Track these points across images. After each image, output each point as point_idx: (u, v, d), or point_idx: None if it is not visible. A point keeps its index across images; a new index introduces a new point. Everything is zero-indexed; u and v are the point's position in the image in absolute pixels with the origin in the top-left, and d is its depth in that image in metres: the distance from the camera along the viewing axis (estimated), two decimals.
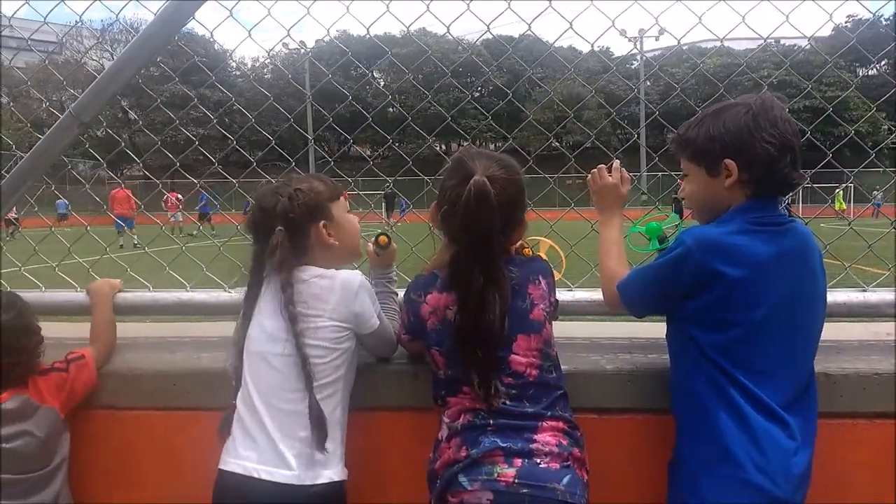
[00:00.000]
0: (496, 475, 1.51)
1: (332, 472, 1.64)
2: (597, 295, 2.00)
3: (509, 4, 2.29)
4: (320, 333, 1.67)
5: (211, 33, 2.50)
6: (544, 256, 1.85)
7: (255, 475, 1.59)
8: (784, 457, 1.49)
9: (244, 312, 1.79)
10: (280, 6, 2.47)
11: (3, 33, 2.80)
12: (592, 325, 2.20)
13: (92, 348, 2.03)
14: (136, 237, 18.07)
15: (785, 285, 1.53)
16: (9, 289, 2.06)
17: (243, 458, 1.63)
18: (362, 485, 1.75)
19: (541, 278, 1.68)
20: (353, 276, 1.73)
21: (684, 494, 1.58)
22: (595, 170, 1.93)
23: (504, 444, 1.54)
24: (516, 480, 1.50)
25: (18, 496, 1.77)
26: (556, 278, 1.80)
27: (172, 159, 2.64)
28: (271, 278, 1.75)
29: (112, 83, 2.09)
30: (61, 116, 2.11)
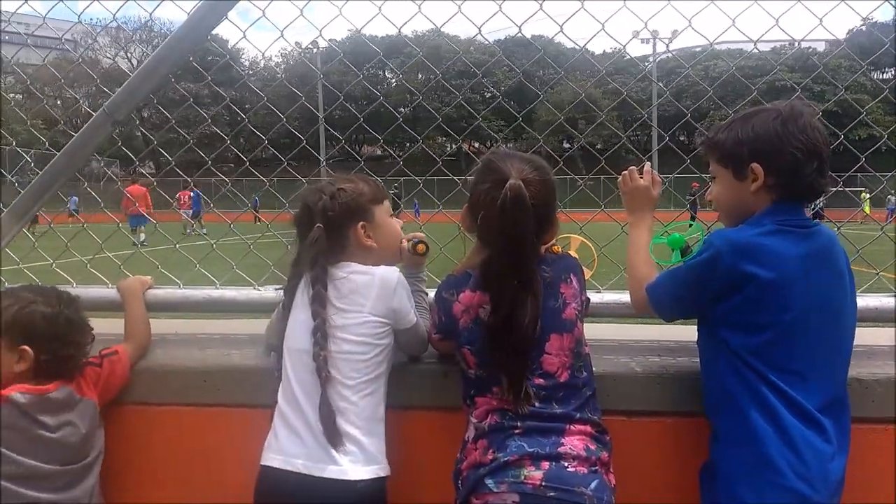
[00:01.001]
0: (523, 478, 1.51)
1: (377, 467, 1.65)
2: (625, 297, 1.99)
3: (541, 5, 2.28)
4: (362, 329, 1.69)
5: (244, 34, 2.49)
6: (575, 254, 1.84)
7: (304, 471, 1.60)
8: (822, 462, 1.48)
9: (283, 305, 1.81)
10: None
11: (23, 31, 2.80)
12: (620, 327, 2.19)
13: (127, 344, 2.04)
14: (143, 235, 18.15)
15: (815, 286, 1.53)
16: (39, 283, 2.06)
17: (288, 454, 1.64)
18: (391, 483, 1.74)
19: (572, 276, 1.68)
20: (391, 273, 1.75)
21: (721, 498, 1.57)
22: (626, 171, 1.92)
23: (531, 450, 1.54)
24: (543, 483, 1.49)
25: (59, 490, 1.76)
26: (587, 275, 1.79)
27: (204, 157, 2.65)
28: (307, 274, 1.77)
29: (145, 82, 2.11)
30: (90, 113, 2.12)
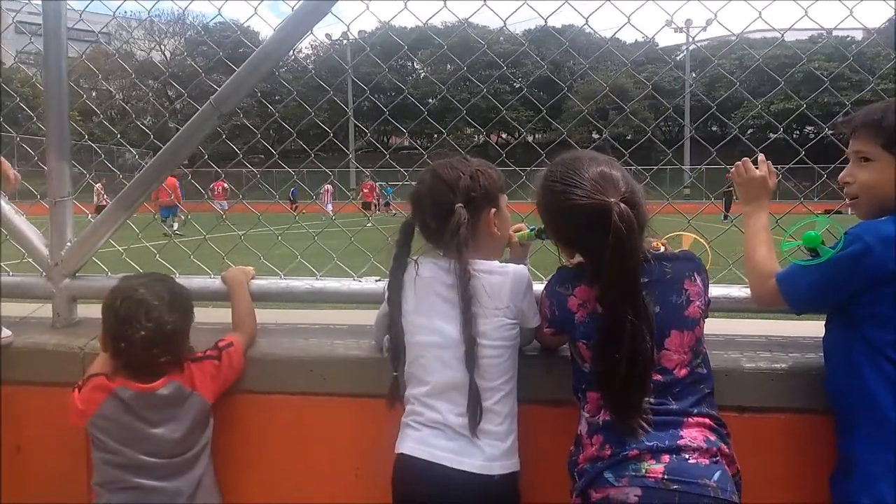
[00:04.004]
0: (644, 471, 1.45)
1: (510, 462, 1.63)
2: (733, 291, 1.97)
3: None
4: (498, 333, 1.64)
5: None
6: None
7: (446, 463, 1.58)
8: None
9: (391, 292, 1.75)
10: None
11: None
12: (726, 322, 2.14)
13: (237, 334, 2.03)
14: (175, 225, 18.39)
15: None
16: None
17: (429, 445, 1.61)
18: None
19: (696, 275, 1.61)
20: (523, 271, 1.70)
21: (859, 496, 1.52)
22: (739, 162, 1.84)
23: (650, 444, 1.47)
24: (665, 476, 1.43)
25: (163, 478, 1.78)
26: None
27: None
28: (428, 261, 1.72)
29: (251, 76, 2.13)
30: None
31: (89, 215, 2.41)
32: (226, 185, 22.26)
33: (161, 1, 2.74)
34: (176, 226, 18.46)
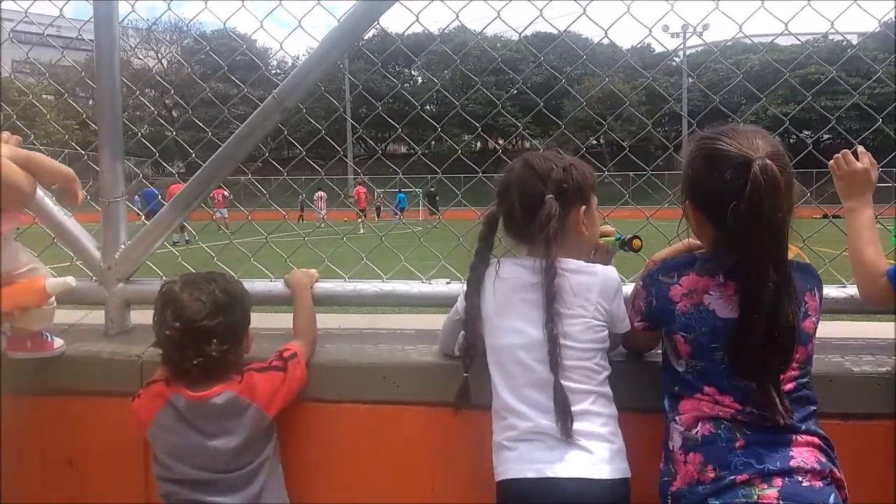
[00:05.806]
0: (756, 497, 1.35)
1: (624, 466, 1.53)
2: (832, 292, 1.89)
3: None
4: (587, 335, 1.55)
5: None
6: None
7: (559, 474, 1.47)
8: None
9: (470, 289, 1.67)
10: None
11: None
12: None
13: (299, 342, 1.92)
14: (175, 237, 18.32)
15: None
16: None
17: (534, 461, 1.50)
18: None
19: (816, 290, 1.54)
20: (613, 273, 1.62)
21: None
22: (839, 155, 1.74)
23: (760, 466, 1.38)
24: (781, 502, 1.34)
25: (213, 494, 1.69)
26: None
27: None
28: (509, 261, 1.64)
29: (315, 69, 2.06)
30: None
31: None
32: (226, 192, 22.33)
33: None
34: (176, 237, 18.33)
